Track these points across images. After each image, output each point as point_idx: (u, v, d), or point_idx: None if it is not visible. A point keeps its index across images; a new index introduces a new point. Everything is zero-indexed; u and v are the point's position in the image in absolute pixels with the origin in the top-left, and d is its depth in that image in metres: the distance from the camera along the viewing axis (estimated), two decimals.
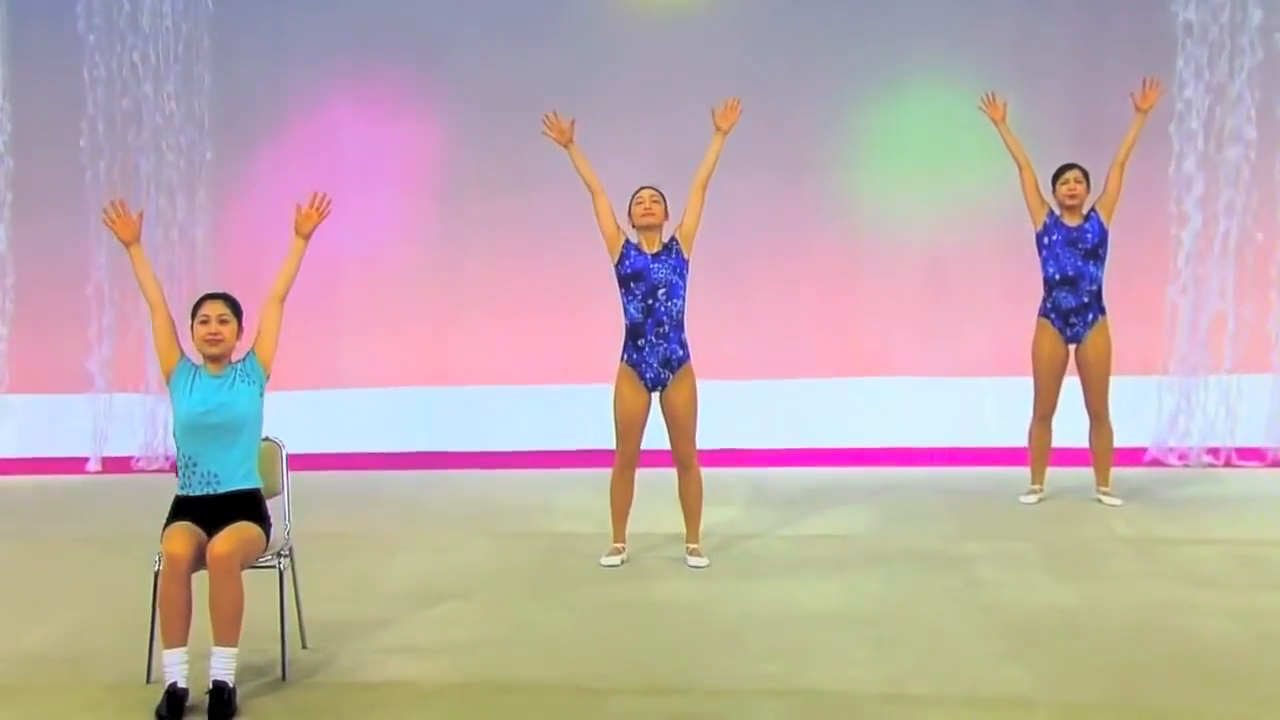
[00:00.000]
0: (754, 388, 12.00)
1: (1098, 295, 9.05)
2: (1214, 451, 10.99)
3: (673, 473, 7.80)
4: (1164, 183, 10.93)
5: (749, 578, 7.43)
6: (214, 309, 5.83)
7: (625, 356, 7.62)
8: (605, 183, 7.71)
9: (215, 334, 5.79)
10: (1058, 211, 9.03)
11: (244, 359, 5.91)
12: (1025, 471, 9.48)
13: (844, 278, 12.24)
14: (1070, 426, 9.37)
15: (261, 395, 5.88)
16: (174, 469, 5.86)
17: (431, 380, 12.39)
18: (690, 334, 7.69)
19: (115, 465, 11.63)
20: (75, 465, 11.66)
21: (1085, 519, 8.81)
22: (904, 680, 5.69)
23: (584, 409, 11.42)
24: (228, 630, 5.47)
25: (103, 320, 11.81)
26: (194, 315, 5.86)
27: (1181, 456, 10.98)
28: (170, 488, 5.87)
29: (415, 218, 12.55)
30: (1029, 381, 9.33)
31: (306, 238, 6.22)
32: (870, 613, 6.70)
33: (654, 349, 7.53)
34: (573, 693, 5.61)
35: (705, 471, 7.81)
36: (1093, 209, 8.98)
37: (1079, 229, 8.96)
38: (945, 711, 5.34)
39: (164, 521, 5.76)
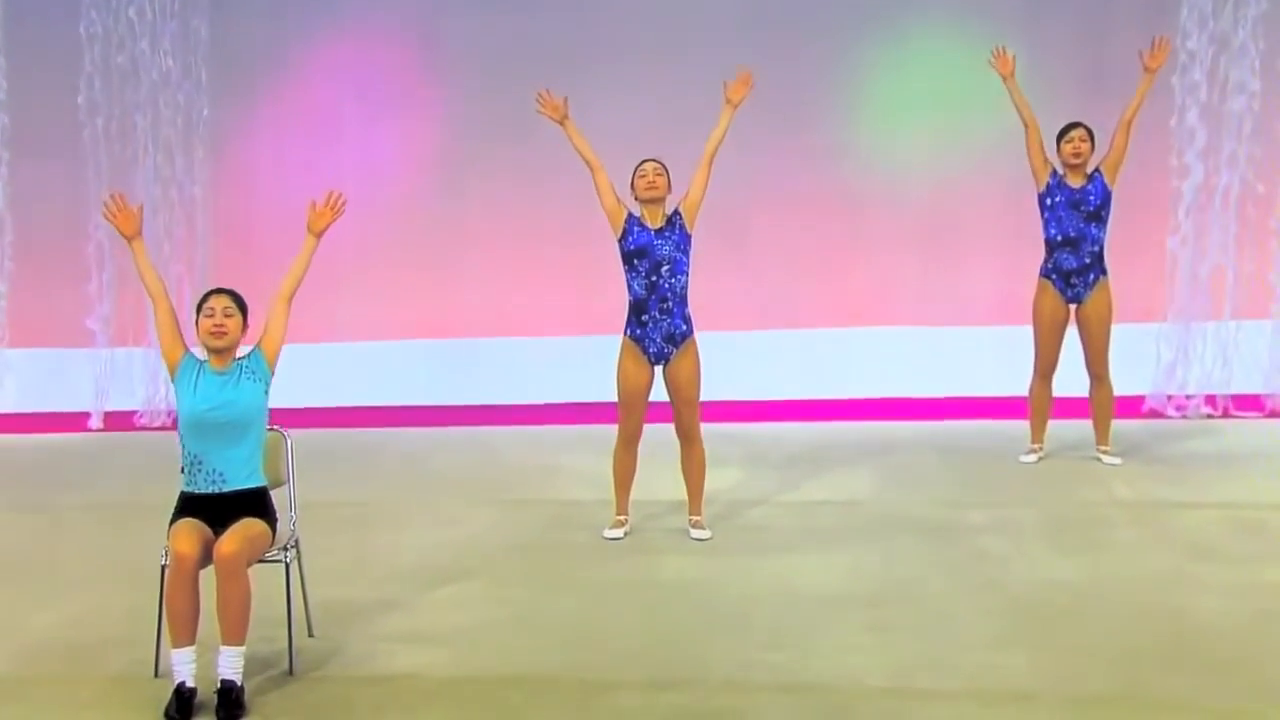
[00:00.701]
0: (753, 339, 11.90)
1: (1099, 256, 8.94)
2: (1211, 401, 10.91)
3: (672, 436, 7.70)
4: (1165, 134, 10.79)
5: (751, 553, 7.37)
6: (219, 302, 5.74)
7: (629, 331, 7.51)
8: (608, 134, 7.54)
9: (220, 326, 5.68)
10: (1061, 171, 8.88)
11: (249, 355, 5.82)
12: (1024, 425, 9.42)
13: (844, 228, 12.10)
14: (1069, 379, 9.28)
15: (266, 392, 5.80)
16: (175, 426, 5.78)
17: (430, 333, 12.27)
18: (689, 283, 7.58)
19: (117, 422, 11.54)
20: (77, 422, 11.56)
21: (1085, 480, 8.74)
22: (906, 671, 5.64)
23: (585, 361, 11.34)
24: (235, 630, 5.41)
25: (103, 277, 11.68)
26: (199, 309, 5.77)
27: (1179, 407, 10.90)
28: (171, 446, 5.76)
29: (414, 168, 12.39)
30: (1029, 330, 9.23)
31: (319, 235, 6.08)
32: (872, 593, 6.64)
33: (657, 325, 7.42)
34: (578, 687, 5.55)
35: (705, 426, 7.72)
36: (1097, 169, 8.84)
37: (1082, 190, 8.82)
38: (947, 705, 5.28)
39: (170, 517, 5.68)
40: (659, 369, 7.55)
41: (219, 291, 5.80)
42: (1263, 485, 8.57)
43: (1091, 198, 8.82)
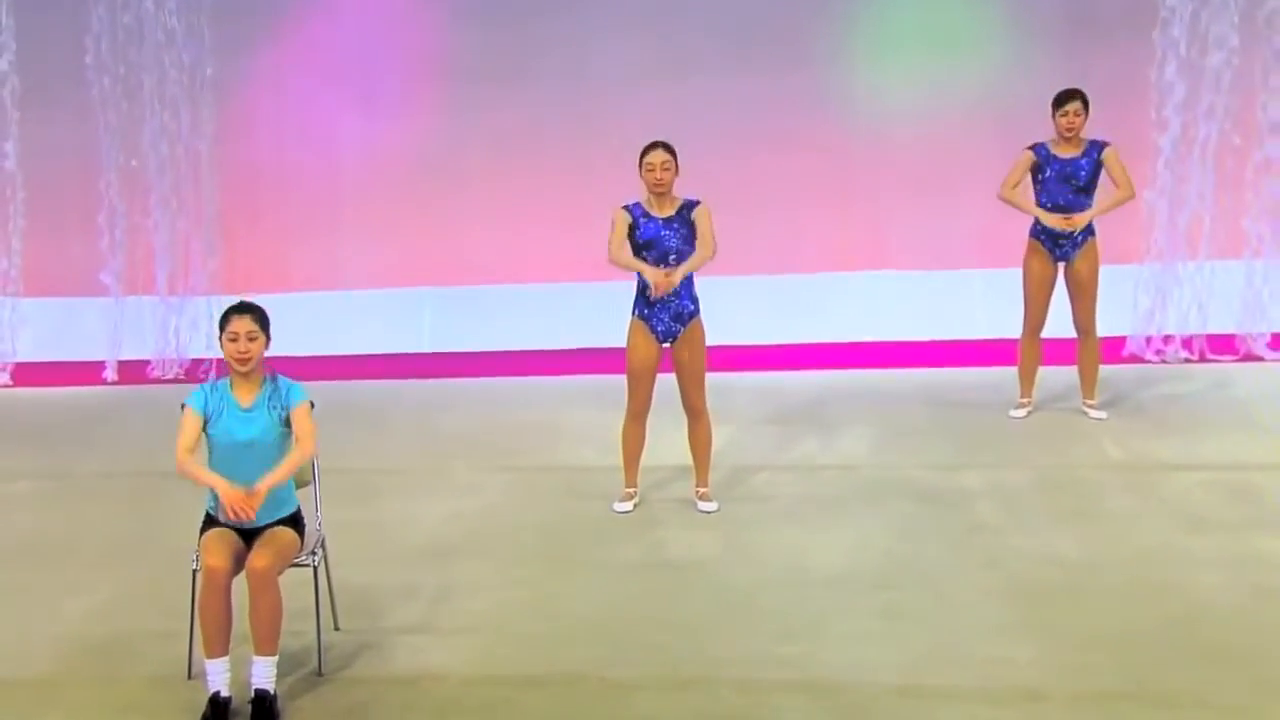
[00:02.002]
0: (745, 283, 11.67)
1: (1089, 222, 8.74)
2: (1188, 344, 10.75)
3: (672, 397, 7.53)
4: (1145, 88, 10.54)
5: (757, 527, 7.25)
6: (241, 325, 5.45)
7: (637, 311, 7.34)
8: (608, 72, 7.23)
9: (244, 353, 5.44)
10: (1050, 146, 8.63)
11: (275, 387, 5.52)
12: (1011, 373, 9.30)
13: (836, 172, 11.83)
14: (1051, 324, 9.12)
15: (287, 424, 5.52)
16: (190, 378, 5.54)
17: (431, 280, 12.05)
18: None
19: (130, 373, 11.31)
20: (92, 373, 11.31)
21: (1074, 438, 8.63)
22: (918, 665, 5.54)
23: (584, 306, 11.21)
24: (268, 641, 5.29)
25: (114, 234, 11.39)
26: (222, 327, 5.51)
27: (1158, 351, 10.75)
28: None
29: (415, 113, 12.08)
30: (1016, 273, 9.08)
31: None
32: (878, 573, 6.53)
33: (665, 306, 7.26)
34: (598, 687, 5.45)
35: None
36: (1092, 144, 8.61)
37: (1074, 163, 8.64)
38: (960, 707, 5.19)
39: (199, 527, 5.51)
40: (666, 346, 7.38)
41: (240, 312, 5.50)
42: (1244, 442, 8.44)
43: (1082, 173, 8.64)
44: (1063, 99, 8.60)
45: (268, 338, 5.53)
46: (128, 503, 8.01)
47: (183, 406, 5.48)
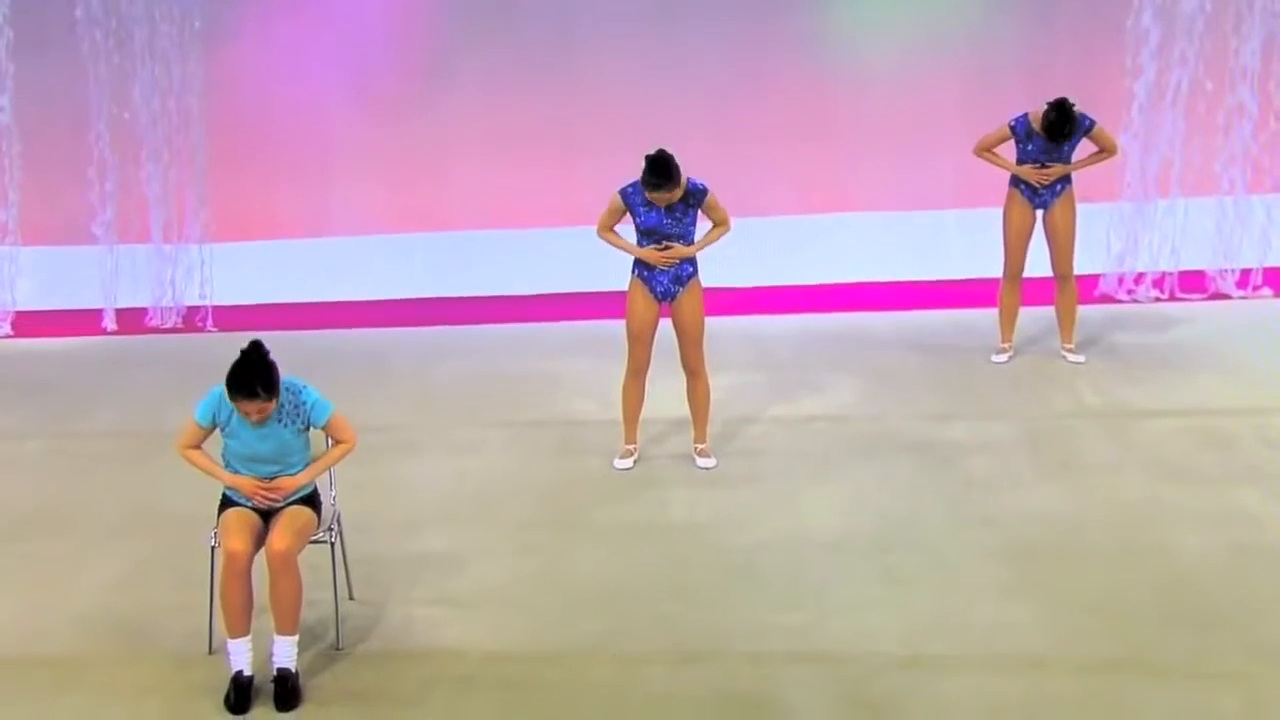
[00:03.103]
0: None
1: (1067, 174, 8.66)
2: (1159, 283, 10.66)
3: (672, 354, 7.42)
4: (1122, 35, 10.33)
5: (755, 486, 7.17)
6: (252, 407, 5.13)
7: (637, 271, 7.25)
8: (597, 32, 7.03)
9: (260, 419, 5.21)
10: (1032, 123, 8.51)
11: (294, 401, 5.27)
12: (991, 315, 9.17)
13: (814, 114, 11.61)
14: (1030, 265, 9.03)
15: (306, 430, 5.36)
16: (188, 326, 5.30)
17: (424, 226, 11.82)
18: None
19: (129, 322, 11.06)
20: (92, 322, 11.07)
21: (1054, 384, 8.57)
22: (920, 634, 5.52)
23: (579, 252, 11.01)
24: (289, 620, 5.23)
25: (104, 186, 11.10)
26: (230, 395, 5.16)
27: (1129, 291, 10.65)
28: (185, 347, 5.45)
29: (404, 57, 11.77)
30: (993, 213, 8.99)
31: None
32: (876, 535, 6.49)
33: (665, 270, 7.11)
34: (612, 663, 5.41)
35: None
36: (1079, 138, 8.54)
37: (1056, 145, 8.54)
38: (964, 678, 5.18)
39: (217, 506, 5.41)
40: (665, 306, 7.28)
41: (248, 396, 5.08)
42: (1215, 385, 8.40)
43: (1065, 150, 8.59)
44: (1055, 125, 8.35)
45: (278, 392, 5.20)
46: (137, 466, 7.85)
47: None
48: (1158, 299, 10.57)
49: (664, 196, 6.89)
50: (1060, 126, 8.34)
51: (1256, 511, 6.55)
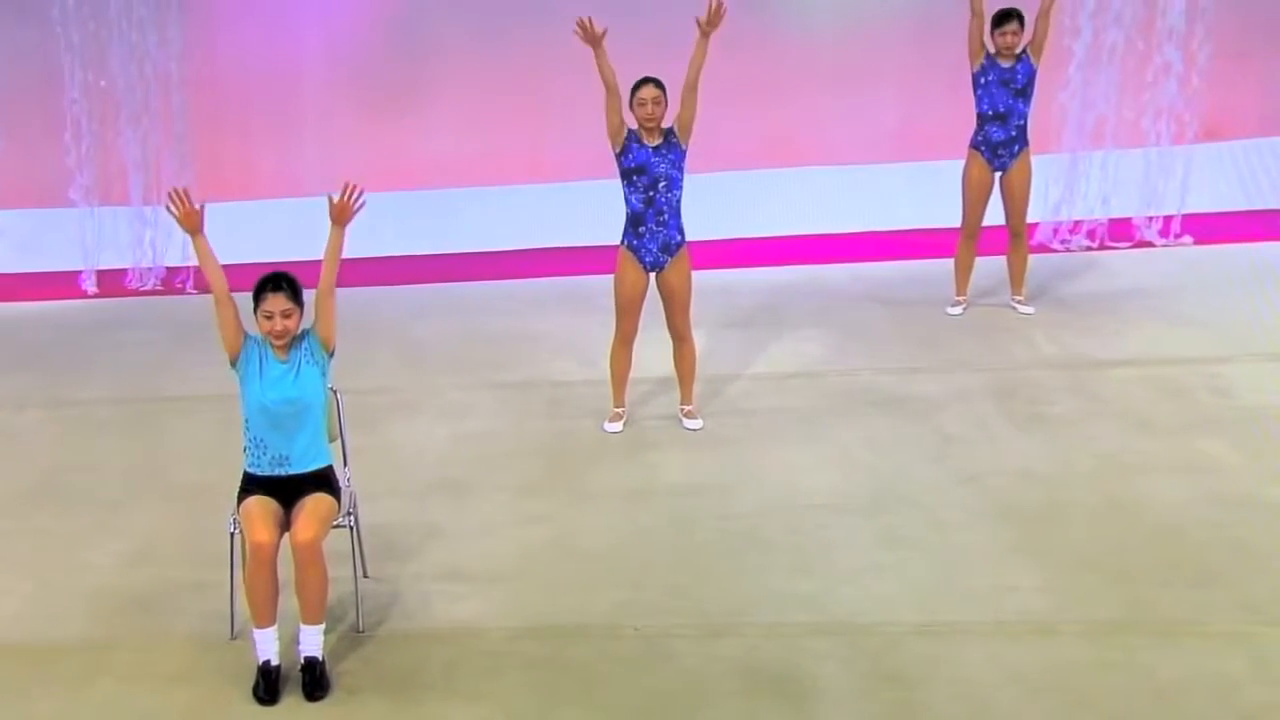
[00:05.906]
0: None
1: (1024, 129, 8.45)
2: (1092, 233, 10.39)
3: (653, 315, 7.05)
4: None
5: (743, 446, 6.81)
6: (276, 304, 4.84)
7: (625, 241, 6.80)
8: None
9: (282, 331, 4.85)
10: (993, 52, 8.20)
11: (306, 339, 4.97)
12: (945, 266, 8.89)
13: (760, 69, 11.12)
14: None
15: (324, 375, 4.96)
16: (168, 288, 4.88)
17: (399, 185, 11.22)
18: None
19: (110, 284, 10.43)
20: (71, 284, 10.42)
21: (1011, 335, 8.28)
22: (930, 600, 5.22)
23: (555, 207, 10.61)
24: (316, 610, 4.83)
25: (80, 149, 10.39)
26: (256, 302, 4.88)
27: (1064, 241, 10.38)
28: (169, 309, 4.98)
29: (380, 14, 11.13)
30: (938, 165, 8.87)
31: (343, 228, 5.08)
32: (868, 496, 6.17)
33: (654, 236, 6.72)
34: (635, 639, 5.04)
35: None
36: (1025, 51, 8.20)
37: (1011, 70, 8.29)
38: (980, 645, 4.89)
39: (237, 494, 4.97)
40: (653, 276, 6.86)
41: (275, 288, 4.86)
42: (1159, 335, 8.13)
43: (1019, 76, 8.28)
44: (1001, 19, 8.21)
45: (302, 307, 4.90)
46: (138, 432, 7.35)
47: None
48: (1088, 248, 10.32)
49: (650, 95, 6.57)
50: (1004, 14, 8.20)
51: (1225, 462, 6.31)
